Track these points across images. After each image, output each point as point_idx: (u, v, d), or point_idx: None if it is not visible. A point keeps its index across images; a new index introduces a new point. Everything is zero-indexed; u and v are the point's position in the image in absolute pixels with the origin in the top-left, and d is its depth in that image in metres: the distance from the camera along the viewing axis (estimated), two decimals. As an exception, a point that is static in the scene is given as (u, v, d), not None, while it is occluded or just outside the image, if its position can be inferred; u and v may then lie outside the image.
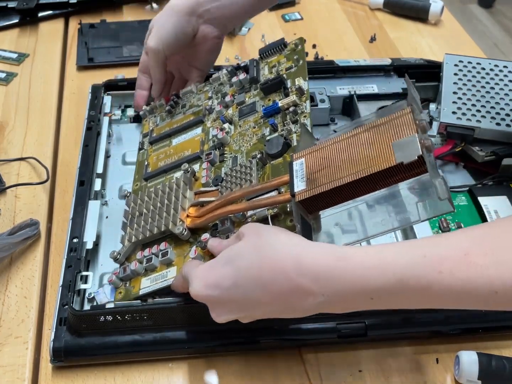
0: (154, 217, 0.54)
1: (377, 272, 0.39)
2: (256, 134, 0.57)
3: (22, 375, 0.51)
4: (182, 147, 0.62)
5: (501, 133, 0.62)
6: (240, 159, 0.56)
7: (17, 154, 0.71)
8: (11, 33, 0.93)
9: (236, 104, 0.62)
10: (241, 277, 0.41)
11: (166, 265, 0.52)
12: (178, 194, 0.54)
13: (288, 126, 0.55)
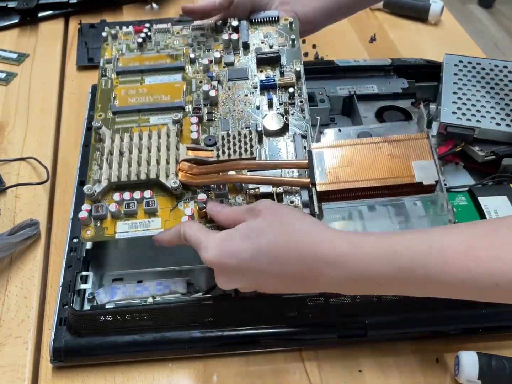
0: (141, 162, 0.52)
1: (386, 261, 0.41)
2: (249, 103, 0.57)
3: (22, 375, 0.51)
4: (158, 89, 0.59)
5: (501, 133, 0.62)
6: (232, 124, 0.55)
7: (17, 154, 0.71)
8: (11, 33, 0.93)
9: (224, 63, 0.60)
10: (260, 252, 0.43)
11: (149, 214, 0.51)
12: (170, 145, 0.53)
13: (285, 106, 0.56)
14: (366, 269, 0.41)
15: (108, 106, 0.57)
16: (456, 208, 0.61)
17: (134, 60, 0.61)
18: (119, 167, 0.52)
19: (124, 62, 0.61)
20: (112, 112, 0.57)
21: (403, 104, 0.71)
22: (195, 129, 0.54)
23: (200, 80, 0.59)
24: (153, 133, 0.54)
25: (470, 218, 0.60)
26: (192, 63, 0.61)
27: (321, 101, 0.71)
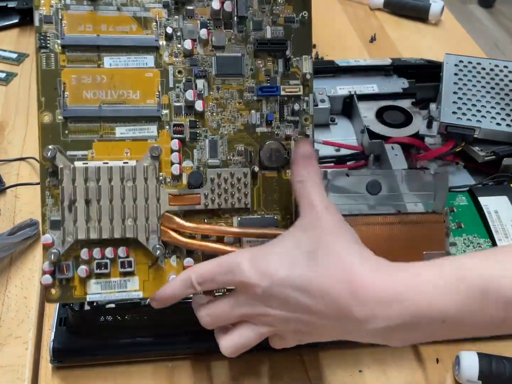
0: (113, 215, 0.43)
1: (453, 289, 0.35)
2: (242, 115, 0.46)
3: (22, 375, 0.51)
4: (123, 79, 0.44)
5: (502, 133, 0.62)
6: (221, 147, 0.45)
7: (17, 154, 0.71)
8: (11, 33, 0.93)
9: (212, 46, 0.46)
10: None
11: (124, 274, 0.44)
12: (148, 191, 0.43)
13: (285, 128, 0.46)
14: (429, 303, 0.35)
15: (55, 102, 0.43)
16: (456, 208, 0.61)
17: (86, 20, 0.43)
18: (86, 221, 0.43)
19: (71, 25, 0.43)
20: (63, 116, 0.43)
21: (403, 104, 0.71)
22: (176, 159, 0.44)
23: (179, 70, 0.45)
24: (125, 170, 0.43)
25: (470, 218, 0.60)
26: (169, 39, 0.45)
27: (321, 101, 0.71)
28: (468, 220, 0.60)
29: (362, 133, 0.68)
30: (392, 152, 0.65)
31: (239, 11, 0.45)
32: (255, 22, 0.46)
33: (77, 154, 0.43)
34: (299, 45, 0.46)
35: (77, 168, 0.42)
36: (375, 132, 0.68)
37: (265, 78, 0.46)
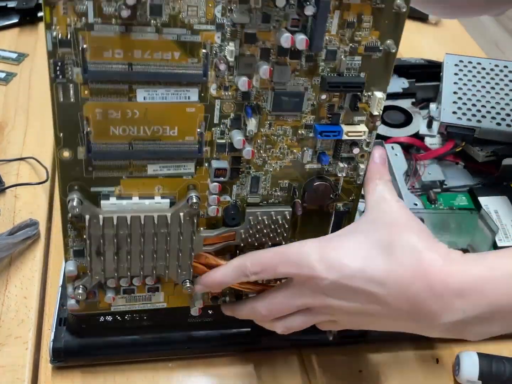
0: (143, 260, 0.41)
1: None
2: (292, 151, 0.40)
3: (22, 375, 0.51)
4: (157, 114, 0.37)
5: (502, 133, 0.62)
6: (263, 182, 0.41)
7: (16, 154, 0.71)
8: (10, 33, 0.93)
9: (272, 81, 0.37)
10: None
11: (149, 290, 0.44)
12: (183, 239, 0.40)
13: (337, 164, 0.41)
14: (505, 294, 0.34)
15: (76, 138, 0.36)
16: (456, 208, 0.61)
17: (115, 44, 0.34)
18: (116, 267, 0.40)
19: (95, 49, 0.34)
20: (87, 154, 0.37)
21: (403, 104, 0.71)
22: (214, 202, 0.40)
23: (228, 104, 0.38)
24: (159, 220, 0.39)
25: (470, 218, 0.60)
26: (219, 69, 0.36)
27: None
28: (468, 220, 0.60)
29: (362, 133, 0.68)
30: (392, 152, 0.65)
31: (314, 47, 0.35)
32: (329, 51, 0.37)
33: (103, 190, 0.39)
34: (375, 78, 0.39)
35: (106, 218, 0.38)
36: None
37: (327, 114, 0.39)
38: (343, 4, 0.35)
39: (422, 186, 0.63)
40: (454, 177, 0.65)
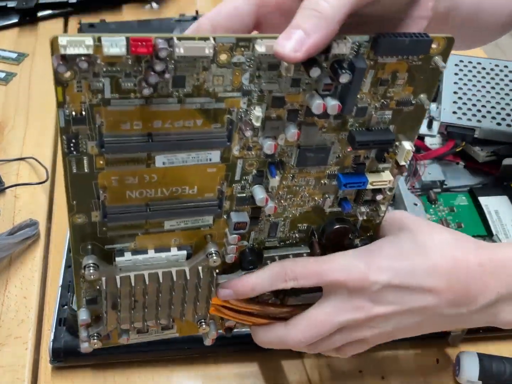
0: (159, 311, 0.40)
1: None
2: (313, 198, 0.39)
3: (22, 375, 0.51)
4: (177, 177, 0.34)
5: (502, 133, 0.62)
6: (281, 227, 0.40)
7: (16, 154, 0.71)
8: (10, 33, 0.93)
9: (299, 143, 0.35)
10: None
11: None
12: (200, 289, 0.39)
13: (358, 207, 0.40)
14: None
15: (90, 204, 0.34)
16: (456, 208, 0.61)
17: (133, 117, 0.31)
18: (130, 313, 0.39)
19: (112, 123, 0.31)
20: (103, 219, 0.35)
21: (403, 104, 0.71)
22: (233, 251, 0.39)
23: (251, 163, 0.35)
24: (176, 275, 0.37)
25: (471, 218, 0.60)
26: (243, 130, 0.33)
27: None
28: (468, 220, 0.60)
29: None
30: (392, 152, 0.65)
31: (347, 110, 0.33)
32: (360, 108, 0.35)
33: (117, 247, 0.37)
34: (404, 129, 0.36)
35: (122, 278, 0.36)
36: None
37: (352, 164, 0.38)
38: (378, 64, 0.33)
39: (422, 186, 0.63)
40: (454, 177, 0.65)
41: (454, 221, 0.60)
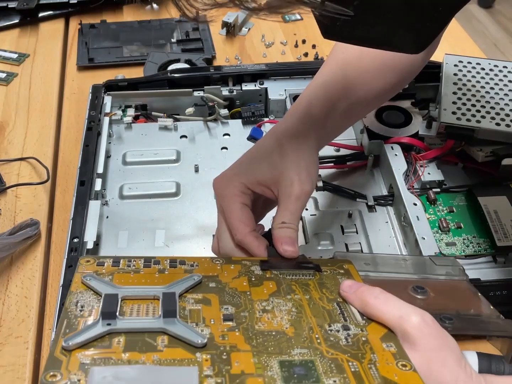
0: None
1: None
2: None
3: (23, 375, 0.51)
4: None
5: (501, 133, 0.62)
6: None
7: (17, 154, 0.71)
8: (11, 33, 0.93)
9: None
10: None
11: None
12: None
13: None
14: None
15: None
16: (455, 208, 0.62)
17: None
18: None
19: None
20: None
21: (403, 104, 0.71)
22: None
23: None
24: None
25: (470, 218, 0.60)
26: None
27: (321, 101, 0.71)
28: (467, 220, 0.60)
29: (362, 133, 0.68)
30: (392, 152, 0.65)
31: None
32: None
33: None
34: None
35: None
36: (375, 132, 0.68)
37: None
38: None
39: (421, 186, 0.63)
40: (453, 177, 0.65)
41: (453, 221, 0.60)
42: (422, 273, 0.52)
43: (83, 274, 0.40)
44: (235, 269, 0.43)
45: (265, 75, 0.75)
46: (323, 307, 0.40)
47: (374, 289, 0.40)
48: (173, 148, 0.69)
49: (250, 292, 0.40)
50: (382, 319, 0.38)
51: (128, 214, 0.62)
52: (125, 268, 0.41)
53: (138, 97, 0.74)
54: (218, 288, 0.40)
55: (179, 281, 0.40)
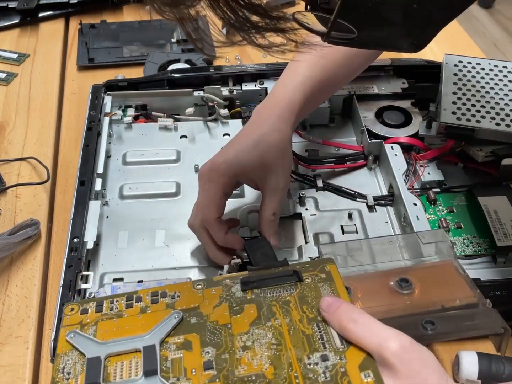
0: None
1: None
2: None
3: (23, 375, 0.51)
4: None
5: (501, 133, 0.62)
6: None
7: (17, 154, 0.71)
8: (11, 33, 0.93)
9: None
10: None
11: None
12: None
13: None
14: None
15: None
16: (455, 208, 0.62)
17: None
18: None
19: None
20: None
21: (403, 104, 0.71)
22: None
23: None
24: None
25: (470, 218, 0.60)
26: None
27: (321, 101, 0.71)
28: (467, 220, 0.60)
29: (362, 133, 0.68)
30: (391, 152, 0.65)
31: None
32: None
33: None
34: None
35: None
36: (375, 132, 0.68)
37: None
38: None
39: (421, 186, 0.63)
40: (453, 177, 0.65)
41: (453, 221, 0.60)
42: (409, 256, 0.53)
43: (67, 330, 0.41)
44: (216, 294, 0.43)
45: (265, 75, 0.75)
46: (303, 331, 0.40)
47: (353, 310, 0.39)
48: (173, 148, 0.69)
49: (231, 324, 0.41)
50: (361, 345, 0.38)
51: (128, 214, 0.62)
52: (108, 313, 0.42)
53: (138, 97, 0.74)
54: (199, 324, 0.41)
55: (161, 323, 0.41)
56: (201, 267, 0.57)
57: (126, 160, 0.69)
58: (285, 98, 0.58)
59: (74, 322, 0.41)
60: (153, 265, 0.57)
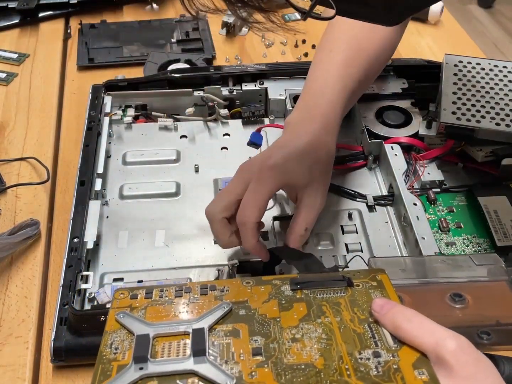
0: None
1: None
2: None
3: (23, 375, 0.51)
4: None
5: (501, 133, 0.62)
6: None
7: (17, 154, 0.71)
8: (11, 33, 0.93)
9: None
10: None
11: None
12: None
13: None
14: None
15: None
16: (455, 208, 0.62)
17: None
18: None
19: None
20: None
21: (403, 104, 0.71)
22: None
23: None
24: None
25: (470, 218, 0.60)
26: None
27: (321, 101, 0.71)
28: (467, 220, 0.60)
29: (362, 133, 0.68)
30: (391, 152, 0.65)
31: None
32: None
33: None
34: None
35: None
36: (375, 132, 0.68)
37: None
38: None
39: (421, 186, 0.63)
40: (453, 177, 0.65)
41: (453, 221, 0.60)
42: (461, 275, 0.51)
43: (117, 311, 0.40)
44: (265, 291, 0.42)
45: (265, 75, 0.75)
46: (354, 330, 0.39)
47: (407, 310, 0.38)
48: (173, 148, 0.70)
49: (280, 318, 0.40)
50: (416, 344, 0.37)
51: (128, 214, 0.62)
52: (157, 300, 0.42)
53: (138, 97, 0.74)
54: (248, 315, 0.40)
55: (209, 311, 0.40)
56: (201, 267, 0.57)
57: (126, 160, 0.69)
58: (328, 106, 0.57)
59: (123, 305, 0.41)
60: (153, 265, 0.57)
